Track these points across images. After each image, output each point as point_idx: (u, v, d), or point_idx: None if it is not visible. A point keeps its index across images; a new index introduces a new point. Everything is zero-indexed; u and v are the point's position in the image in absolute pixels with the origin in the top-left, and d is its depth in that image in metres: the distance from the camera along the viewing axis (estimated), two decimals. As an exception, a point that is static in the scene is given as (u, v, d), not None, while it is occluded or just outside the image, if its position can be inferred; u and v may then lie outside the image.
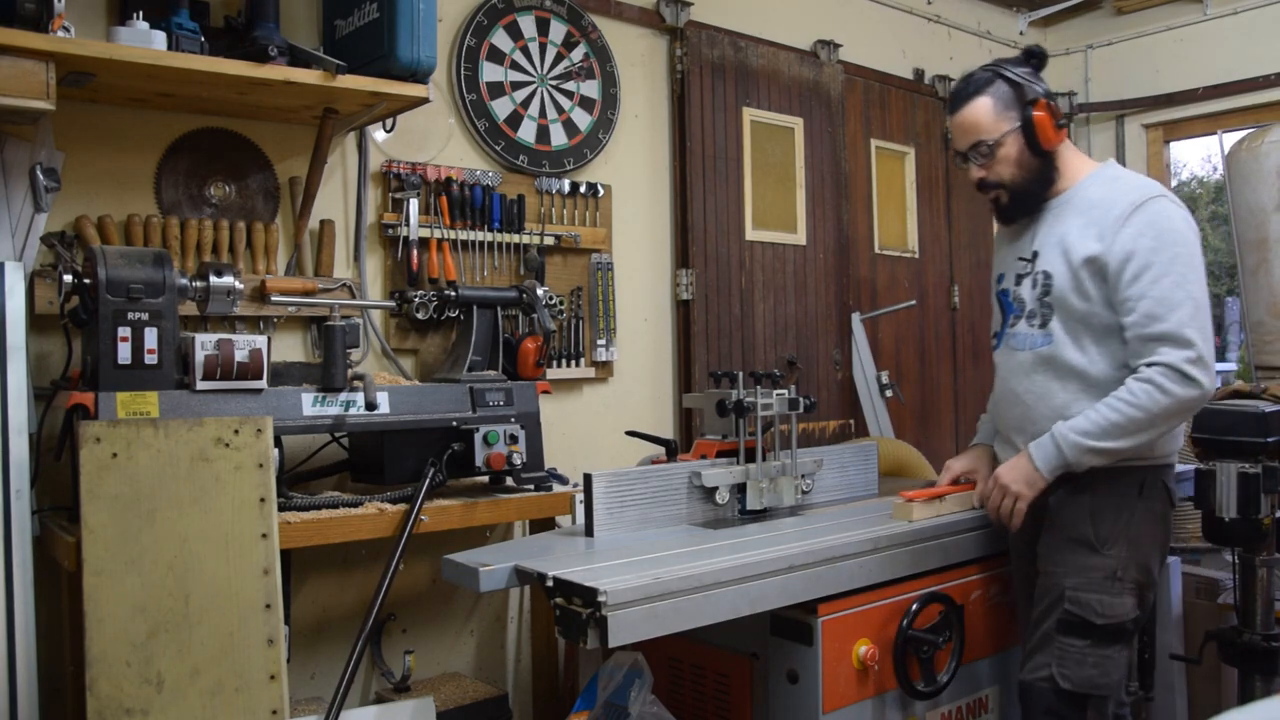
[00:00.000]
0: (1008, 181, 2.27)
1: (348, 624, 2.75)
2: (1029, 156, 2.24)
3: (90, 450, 1.89)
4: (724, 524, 2.42)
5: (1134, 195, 2.15)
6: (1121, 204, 2.15)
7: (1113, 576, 2.14)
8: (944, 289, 4.54)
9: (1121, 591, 2.15)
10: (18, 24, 1.99)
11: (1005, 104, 2.22)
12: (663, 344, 3.55)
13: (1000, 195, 2.30)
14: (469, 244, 3.00)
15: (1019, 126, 2.21)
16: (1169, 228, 2.11)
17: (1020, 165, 2.24)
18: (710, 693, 2.33)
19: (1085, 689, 2.13)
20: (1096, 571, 2.15)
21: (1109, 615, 2.14)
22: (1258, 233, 3.68)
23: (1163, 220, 2.12)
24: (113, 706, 1.84)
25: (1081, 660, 2.14)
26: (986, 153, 2.25)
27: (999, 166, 2.25)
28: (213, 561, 1.95)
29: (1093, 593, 2.15)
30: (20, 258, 2.27)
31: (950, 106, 2.32)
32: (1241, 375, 3.84)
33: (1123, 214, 2.13)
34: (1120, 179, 2.24)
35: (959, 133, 2.29)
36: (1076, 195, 2.25)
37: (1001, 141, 2.23)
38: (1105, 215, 2.16)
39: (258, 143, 2.69)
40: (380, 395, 2.39)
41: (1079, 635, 2.15)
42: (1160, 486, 2.22)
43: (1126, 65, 4.85)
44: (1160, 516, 2.21)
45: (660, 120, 3.56)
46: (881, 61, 4.33)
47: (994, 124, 2.22)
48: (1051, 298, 2.22)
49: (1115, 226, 2.13)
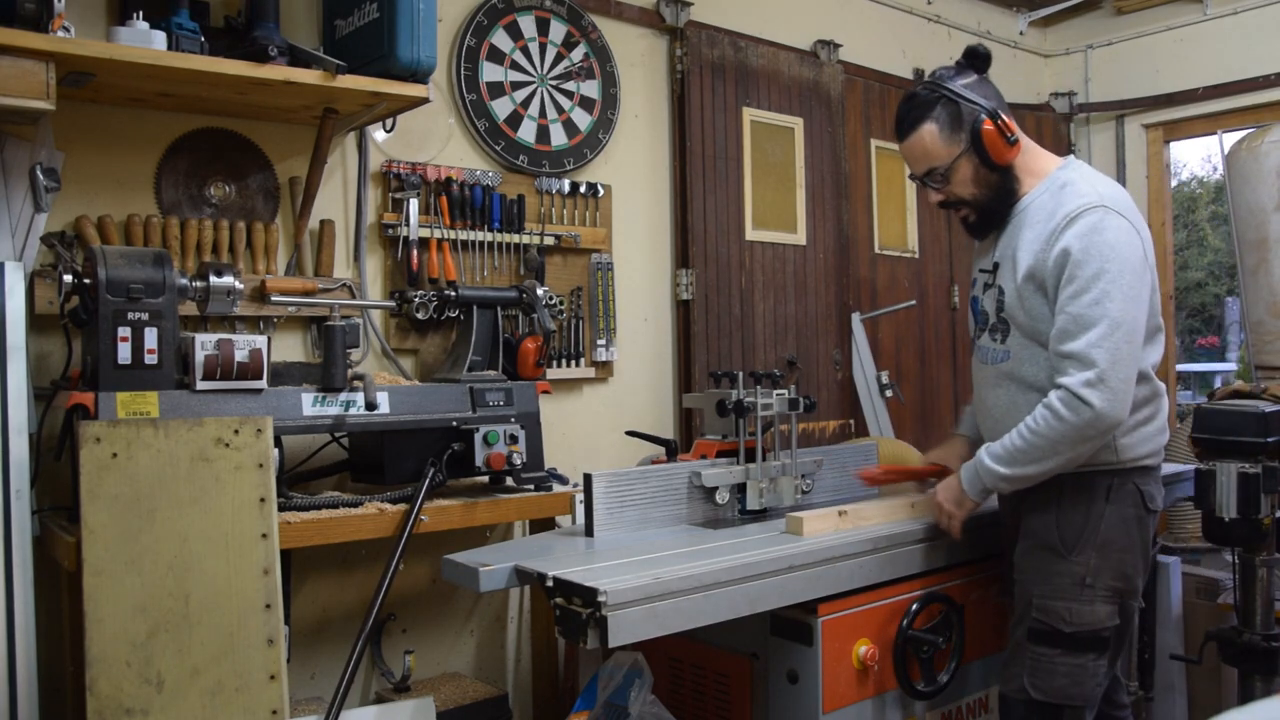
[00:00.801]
0: (969, 200, 2.22)
1: (348, 624, 2.75)
2: (985, 173, 2.18)
3: (90, 450, 1.89)
4: (724, 524, 2.42)
5: (1071, 205, 2.07)
6: (1058, 215, 2.08)
7: (1081, 583, 2.11)
8: (944, 289, 4.54)
9: (1093, 599, 2.11)
10: (18, 24, 1.99)
11: (952, 127, 2.15)
12: (663, 344, 3.55)
13: (968, 214, 2.25)
14: (469, 244, 3.00)
15: (969, 148, 2.15)
16: (1100, 240, 2.02)
17: (978, 183, 2.19)
18: (710, 693, 2.33)
19: (1057, 699, 2.10)
20: (1064, 578, 2.12)
21: (1078, 623, 2.10)
22: (1258, 233, 3.68)
23: (1094, 233, 2.03)
24: (113, 706, 1.84)
25: (1052, 670, 2.10)
26: (941, 179, 2.20)
27: (957, 189, 2.20)
28: (213, 561, 1.95)
29: (1059, 600, 2.12)
30: (20, 258, 2.27)
31: (897, 132, 2.23)
32: (1241, 375, 3.84)
33: (1058, 226, 2.07)
34: (1068, 186, 2.13)
35: (910, 160, 2.24)
36: (1030, 204, 2.19)
37: (954, 166, 2.17)
38: (1045, 228, 2.10)
39: (258, 143, 2.69)
40: (380, 395, 2.39)
41: (1048, 644, 2.12)
42: (1130, 490, 2.17)
43: (1126, 65, 4.85)
44: (1133, 520, 2.15)
45: (660, 120, 3.56)
46: (881, 61, 4.33)
47: (944, 150, 2.16)
48: (1006, 313, 2.20)
49: (1050, 240, 2.07)
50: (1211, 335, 13.95)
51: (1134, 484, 2.17)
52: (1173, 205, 4.96)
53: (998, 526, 2.49)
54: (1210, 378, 11.50)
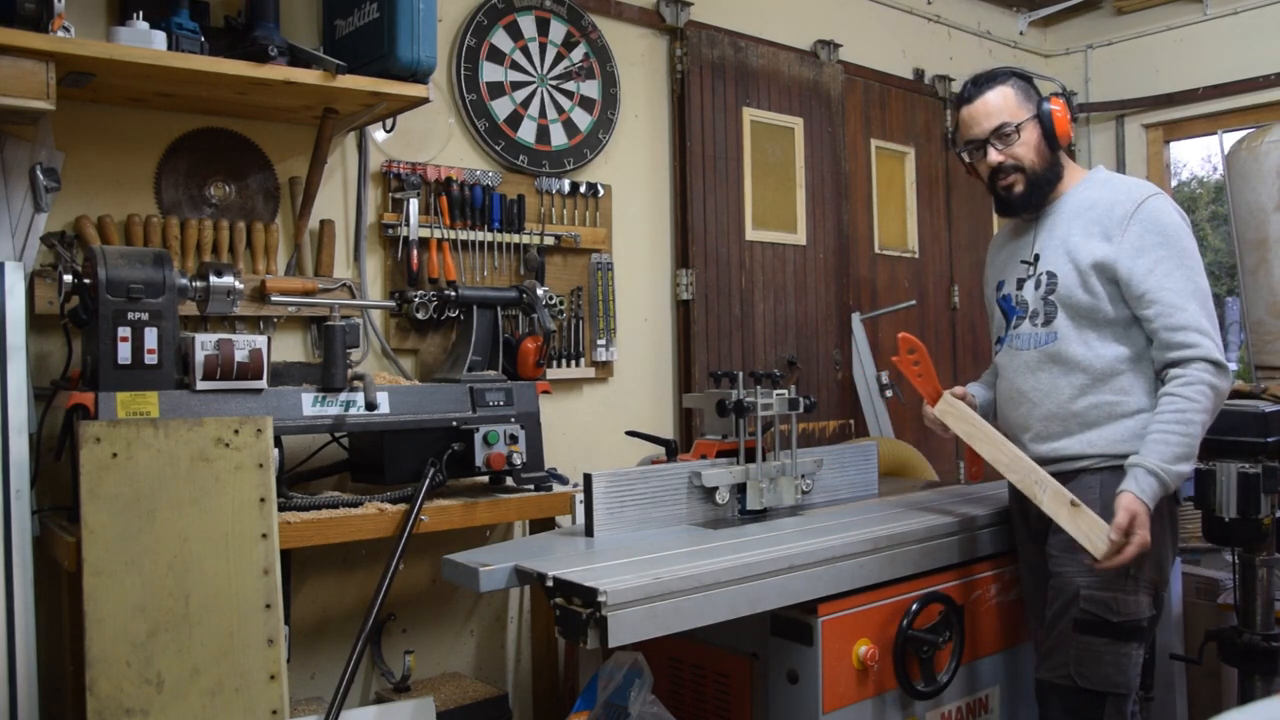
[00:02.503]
0: (1027, 166, 2.29)
1: (348, 624, 2.75)
2: (1044, 146, 2.30)
3: (90, 450, 1.89)
4: (724, 524, 2.42)
5: (1135, 194, 2.22)
6: (1124, 204, 2.20)
7: (1126, 574, 2.15)
8: (944, 289, 4.54)
9: (1136, 589, 2.16)
10: (18, 24, 1.99)
11: (1024, 95, 2.30)
12: (663, 344, 3.55)
13: (1016, 181, 2.30)
14: (469, 244, 3.00)
15: (1036, 116, 2.28)
16: (1171, 223, 2.18)
17: (1039, 153, 2.29)
18: (710, 693, 2.33)
19: (1103, 687, 2.15)
20: (1109, 570, 2.15)
21: (1124, 613, 2.15)
22: (1258, 233, 3.68)
23: (1164, 217, 2.18)
24: (113, 706, 1.84)
25: (1099, 659, 2.15)
26: (1009, 134, 2.27)
27: (1020, 150, 2.28)
28: (213, 561, 1.95)
29: (1107, 591, 2.16)
30: (20, 258, 2.27)
31: (966, 96, 2.33)
32: (1241, 375, 3.84)
33: (1126, 213, 2.19)
34: (1113, 181, 2.30)
35: (979, 117, 2.30)
36: (1072, 199, 2.30)
37: (1023, 126, 2.28)
38: (1108, 215, 2.21)
39: (258, 143, 2.69)
40: (380, 395, 2.39)
41: (1095, 634, 2.16)
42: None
43: (1126, 65, 4.85)
44: (1166, 513, 2.22)
45: (660, 120, 3.56)
46: (881, 61, 4.33)
47: (1017, 109, 2.28)
48: (1056, 296, 2.26)
49: (1120, 225, 2.19)
50: (1211, 335, 13.89)
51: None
52: (1173, 205, 4.96)
53: (999, 526, 2.49)
54: (1210, 378, 11.45)
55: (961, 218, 4.62)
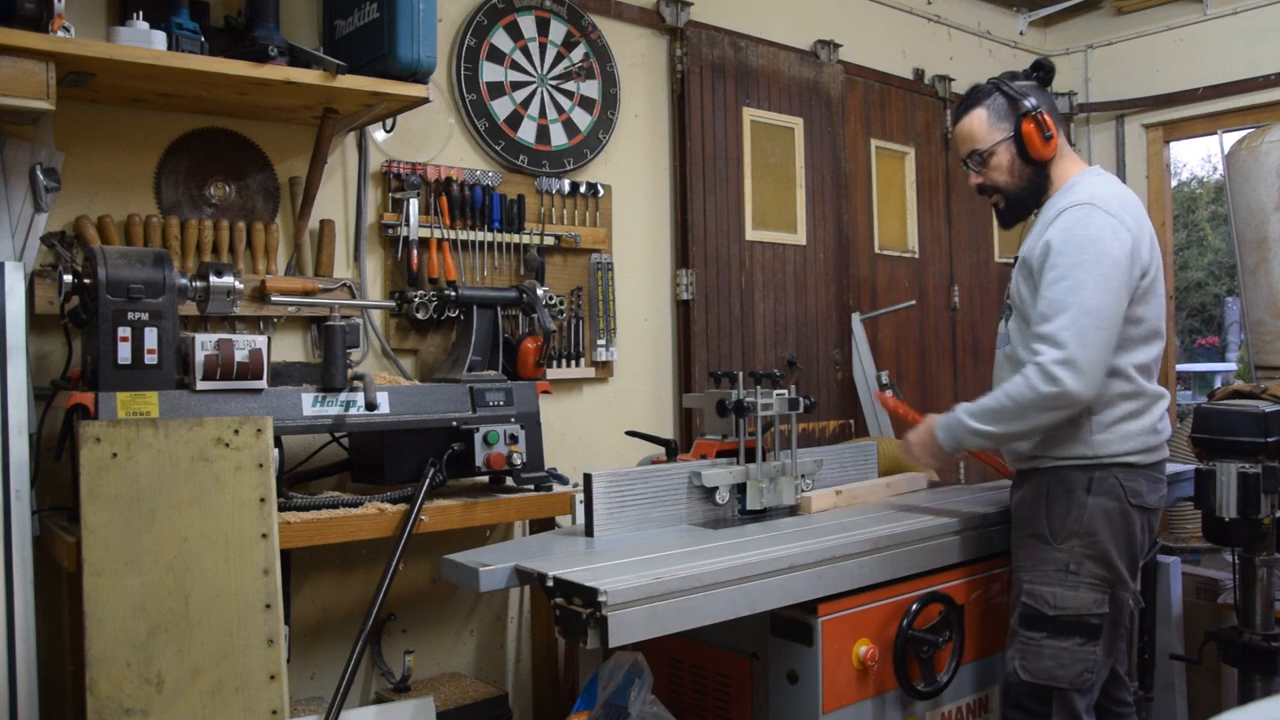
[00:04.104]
0: (1001, 187, 2.40)
1: (348, 624, 2.75)
2: (1020, 165, 2.36)
3: (90, 450, 1.89)
4: (724, 524, 2.42)
5: (1066, 201, 2.26)
6: (1054, 209, 2.28)
7: (1065, 569, 2.23)
8: (944, 289, 4.54)
9: (1078, 585, 2.22)
10: (18, 24, 1.99)
11: (999, 116, 2.36)
12: (663, 344, 3.55)
13: (998, 200, 2.43)
14: (469, 244, 3.00)
15: (1010, 137, 2.35)
16: (1083, 234, 2.18)
17: (1012, 173, 2.37)
18: (710, 693, 2.33)
19: (1043, 680, 2.22)
20: (1049, 564, 2.25)
21: (1062, 607, 2.22)
22: (1258, 233, 3.68)
23: (1079, 227, 2.19)
24: (113, 706, 1.84)
25: (1039, 652, 2.23)
26: (980, 161, 2.40)
27: (993, 174, 2.40)
28: (213, 561, 1.95)
29: (1045, 585, 2.24)
30: (20, 258, 2.27)
31: (953, 117, 2.51)
32: (1241, 375, 3.84)
33: (1049, 218, 2.26)
34: (1074, 188, 2.31)
35: (958, 141, 2.45)
36: (1047, 205, 2.38)
37: (994, 151, 2.37)
38: (1043, 218, 2.31)
39: (258, 143, 2.69)
40: (380, 395, 2.39)
41: (1035, 627, 2.25)
42: (1112, 484, 2.25)
43: (1126, 65, 4.85)
44: (1116, 513, 2.24)
45: (660, 120, 3.56)
46: (881, 61, 4.33)
47: (987, 134, 2.37)
48: (1009, 299, 2.38)
49: (1041, 233, 2.27)
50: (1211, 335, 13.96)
51: (1116, 478, 2.26)
52: (1173, 205, 4.96)
53: (999, 526, 2.50)
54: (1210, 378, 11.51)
55: (961, 218, 4.62)
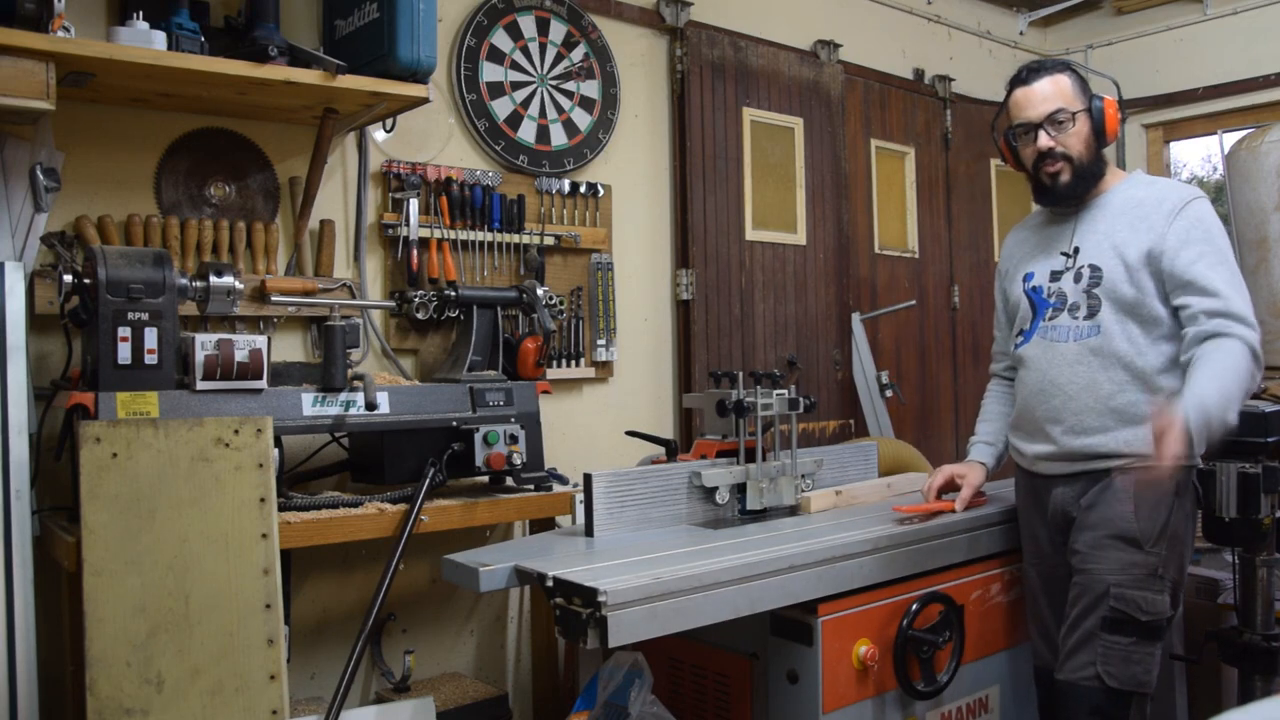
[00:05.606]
0: (1075, 156, 2.31)
1: (348, 624, 2.75)
2: (1093, 141, 2.32)
3: (90, 450, 1.89)
4: (724, 524, 2.42)
5: (1183, 193, 2.28)
6: (1172, 200, 2.26)
7: (1154, 574, 2.18)
8: (944, 289, 4.54)
9: (1162, 589, 2.19)
10: (18, 24, 1.99)
11: (1079, 87, 2.34)
12: (663, 344, 3.55)
13: (1063, 170, 2.31)
14: (469, 244, 3.00)
15: (1088, 109, 2.31)
16: (1215, 224, 2.25)
17: (1088, 146, 2.31)
18: (710, 693, 2.32)
19: (1130, 686, 2.16)
20: (1140, 569, 2.18)
21: (1152, 612, 2.17)
22: (1258, 232, 3.68)
23: (1209, 217, 2.25)
24: (113, 706, 1.84)
25: (1127, 658, 2.16)
26: (1063, 121, 2.29)
27: (1071, 140, 2.30)
28: (213, 561, 1.95)
29: (1137, 590, 2.18)
30: (20, 258, 2.27)
31: (1023, 78, 2.35)
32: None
33: (1174, 209, 2.24)
34: (1159, 182, 2.36)
35: (1035, 100, 2.31)
36: (1116, 197, 2.33)
37: (1077, 116, 2.30)
38: (1155, 211, 2.25)
39: (258, 143, 2.69)
40: (380, 395, 2.39)
41: (1124, 633, 2.17)
42: (1192, 486, 2.28)
43: (1126, 65, 4.85)
44: (1192, 515, 2.27)
45: (660, 120, 3.56)
46: (881, 61, 4.33)
47: (1073, 98, 2.31)
48: (1100, 290, 2.27)
49: (1167, 220, 2.23)
50: (1211, 335, 13.86)
51: (1193, 480, 2.28)
52: (1173, 205, 4.95)
53: (999, 526, 2.49)
54: (1210, 378, 11.43)
55: (961, 218, 4.62)
